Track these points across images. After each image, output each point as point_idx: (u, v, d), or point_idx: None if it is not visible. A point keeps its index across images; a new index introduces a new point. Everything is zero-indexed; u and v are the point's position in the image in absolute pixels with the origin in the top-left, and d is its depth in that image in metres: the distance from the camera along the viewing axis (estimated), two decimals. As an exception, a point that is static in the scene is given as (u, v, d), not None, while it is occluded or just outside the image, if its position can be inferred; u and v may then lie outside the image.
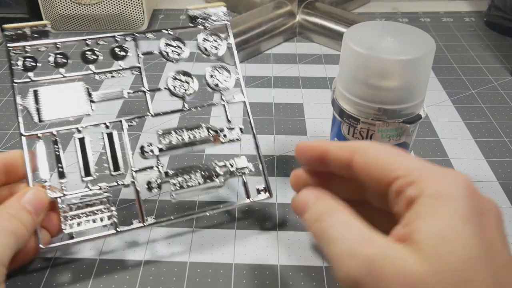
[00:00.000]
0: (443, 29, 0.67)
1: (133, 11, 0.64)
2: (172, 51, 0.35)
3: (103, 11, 0.63)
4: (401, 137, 0.32)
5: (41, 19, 0.64)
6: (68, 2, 0.62)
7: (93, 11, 0.63)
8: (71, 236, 0.31)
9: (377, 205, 0.28)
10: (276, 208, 0.36)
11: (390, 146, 0.27)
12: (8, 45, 0.31)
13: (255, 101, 0.50)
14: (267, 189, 0.34)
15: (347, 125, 0.32)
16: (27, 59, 0.32)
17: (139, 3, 0.63)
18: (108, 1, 0.63)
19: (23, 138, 0.31)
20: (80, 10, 0.63)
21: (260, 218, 0.36)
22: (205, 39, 0.35)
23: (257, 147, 0.35)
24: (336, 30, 0.60)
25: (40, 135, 0.31)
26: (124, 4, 0.63)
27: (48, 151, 0.31)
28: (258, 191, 0.34)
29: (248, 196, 0.34)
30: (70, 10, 0.63)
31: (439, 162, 0.41)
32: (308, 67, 0.57)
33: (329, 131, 0.37)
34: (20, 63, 0.32)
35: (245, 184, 0.34)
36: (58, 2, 0.62)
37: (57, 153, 0.31)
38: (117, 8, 0.63)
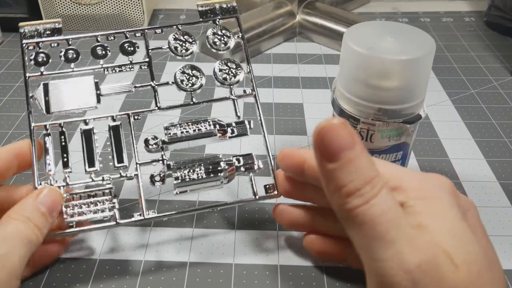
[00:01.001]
0: (443, 29, 0.67)
1: (133, 11, 0.64)
2: (181, 45, 0.35)
3: (103, 11, 0.63)
4: (401, 137, 0.32)
5: (41, 19, 0.64)
6: (68, 2, 0.62)
7: (93, 11, 0.63)
8: (70, 226, 0.30)
9: None
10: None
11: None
12: (24, 41, 0.33)
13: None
14: (275, 186, 0.32)
15: (347, 125, 0.32)
16: (39, 54, 0.33)
17: (139, 3, 0.63)
18: (108, 1, 0.63)
19: (32, 129, 0.32)
20: (80, 10, 0.63)
21: (260, 218, 0.36)
22: (214, 33, 0.35)
23: (266, 140, 0.34)
24: (336, 30, 0.60)
25: (48, 126, 0.32)
26: (124, 4, 0.63)
27: (54, 142, 0.32)
28: (266, 189, 0.32)
29: (254, 194, 0.32)
30: (70, 10, 0.63)
31: (439, 162, 0.41)
32: (308, 67, 0.57)
33: (329, 131, 0.37)
34: (32, 57, 0.33)
35: (252, 181, 0.33)
36: (58, 2, 0.62)
37: (63, 143, 0.31)
38: (117, 8, 0.63)
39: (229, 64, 0.35)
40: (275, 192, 0.32)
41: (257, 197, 0.32)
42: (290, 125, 0.46)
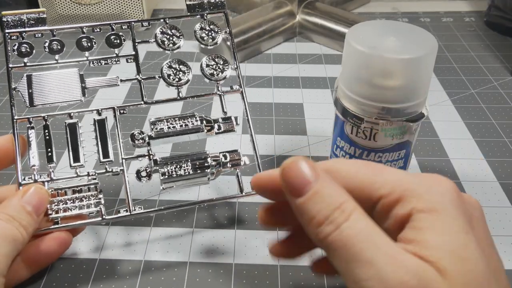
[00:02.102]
0: (443, 29, 0.67)
1: (133, 11, 0.64)
2: (168, 39, 0.34)
3: (103, 11, 0.63)
4: (404, 136, 0.32)
5: (41, 19, 0.64)
6: (68, 2, 0.62)
7: (93, 11, 0.63)
8: (56, 222, 0.30)
9: None
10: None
11: (359, 161, 0.24)
12: (6, 30, 0.32)
13: (255, 101, 0.50)
14: None
15: (350, 124, 0.32)
16: (23, 45, 0.32)
17: (139, 3, 0.63)
18: (108, 1, 0.63)
19: (15, 122, 0.31)
20: (80, 10, 0.63)
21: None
22: (202, 28, 0.35)
23: (253, 137, 0.33)
24: (336, 30, 0.60)
25: (31, 119, 0.31)
26: (124, 4, 0.63)
27: (37, 136, 0.32)
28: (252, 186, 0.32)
29: (241, 190, 0.33)
30: (70, 10, 0.63)
31: (439, 162, 0.41)
32: (308, 67, 0.57)
33: (329, 130, 0.37)
34: (15, 48, 0.32)
35: (238, 176, 0.33)
36: (58, 2, 0.62)
37: (47, 137, 0.31)
38: (117, 8, 0.63)
39: (216, 59, 0.35)
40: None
41: (243, 193, 0.32)
42: (290, 125, 0.46)
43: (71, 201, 0.31)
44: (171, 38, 0.34)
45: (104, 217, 0.31)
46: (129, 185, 0.31)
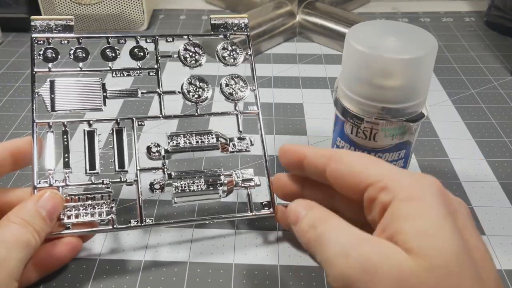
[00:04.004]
0: (443, 29, 0.67)
1: (133, 11, 0.64)
2: (191, 56, 0.35)
3: (103, 11, 0.63)
4: (404, 136, 0.32)
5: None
6: (68, 2, 0.62)
7: (93, 11, 0.63)
8: (67, 227, 0.30)
9: (348, 215, 0.28)
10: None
11: (363, 153, 0.28)
12: (33, 35, 0.32)
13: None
14: (271, 204, 0.33)
15: (350, 124, 0.32)
16: (48, 50, 0.33)
17: (139, 3, 0.63)
18: (108, 1, 0.63)
19: (34, 125, 0.31)
20: (80, 10, 0.63)
21: (260, 218, 0.36)
22: (224, 48, 0.35)
23: (266, 160, 0.34)
24: (336, 30, 0.60)
25: (51, 123, 0.32)
26: (124, 4, 0.63)
27: (56, 141, 0.32)
28: (262, 206, 0.33)
29: (251, 210, 0.33)
30: (70, 10, 0.63)
31: (439, 162, 0.41)
32: (308, 67, 0.57)
33: (329, 130, 0.37)
34: (41, 53, 0.32)
35: (249, 196, 0.34)
36: (58, 2, 0.62)
37: (65, 143, 0.31)
38: (117, 8, 0.63)
39: (235, 79, 0.35)
40: (271, 210, 0.33)
41: (253, 213, 0.33)
42: (290, 125, 0.46)
43: (84, 207, 0.31)
44: (193, 55, 0.35)
45: (115, 226, 0.31)
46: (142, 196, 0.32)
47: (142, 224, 0.31)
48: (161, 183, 0.32)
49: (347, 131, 0.33)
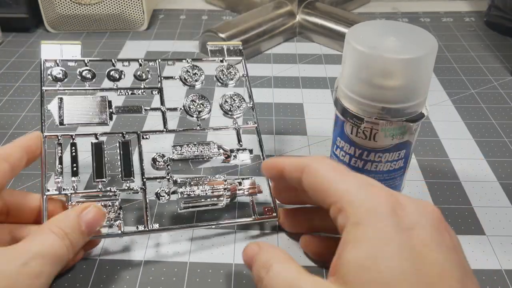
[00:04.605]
0: (443, 29, 0.67)
1: (133, 11, 0.64)
2: (191, 77, 0.38)
3: (103, 11, 0.63)
4: (404, 136, 0.32)
5: (41, 19, 0.64)
6: (68, 2, 0.62)
7: (93, 11, 0.63)
8: None
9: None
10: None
11: (334, 164, 0.27)
12: (42, 57, 0.35)
13: (255, 101, 0.50)
14: (274, 209, 0.35)
15: (350, 124, 0.32)
16: (57, 71, 0.35)
17: (139, 3, 0.63)
18: (108, 1, 0.63)
19: (44, 138, 0.33)
20: (80, 10, 0.63)
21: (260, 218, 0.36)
22: (221, 70, 0.38)
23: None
24: (336, 30, 0.60)
25: (60, 136, 0.33)
26: (124, 4, 0.63)
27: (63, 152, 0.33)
28: (266, 211, 0.35)
29: (254, 214, 0.34)
30: (70, 10, 0.63)
31: (439, 162, 0.41)
32: (308, 67, 0.57)
33: (329, 130, 0.37)
34: (50, 72, 0.35)
35: (252, 203, 0.35)
36: (58, 2, 0.62)
37: (73, 154, 0.33)
38: (117, 8, 0.63)
39: (234, 97, 0.38)
40: (274, 214, 0.34)
41: (257, 218, 0.34)
42: (290, 125, 0.46)
43: None
44: (193, 76, 0.38)
45: (123, 231, 0.32)
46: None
47: (149, 229, 0.32)
48: (166, 191, 0.33)
49: (347, 131, 0.33)
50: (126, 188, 0.33)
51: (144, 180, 0.33)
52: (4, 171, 0.29)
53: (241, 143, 0.37)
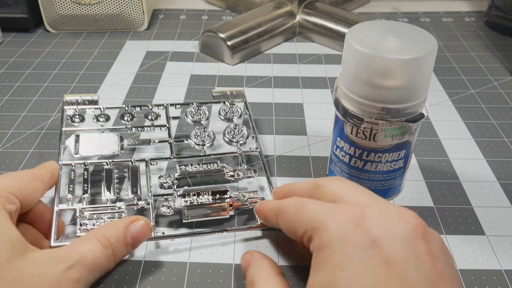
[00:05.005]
0: (443, 29, 0.67)
1: (133, 11, 0.64)
2: (198, 116, 0.42)
3: (103, 11, 0.63)
4: (404, 136, 0.32)
5: (41, 19, 0.64)
6: (68, 2, 0.62)
7: (93, 11, 0.63)
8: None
9: None
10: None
11: (303, 198, 0.28)
12: (65, 107, 0.41)
13: (255, 101, 0.50)
14: None
15: (350, 124, 0.32)
16: (76, 116, 0.40)
17: (139, 3, 0.63)
18: (108, 1, 0.63)
19: (60, 166, 0.36)
20: (80, 10, 0.63)
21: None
22: (224, 110, 0.43)
23: (271, 188, 0.37)
24: (336, 30, 0.60)
25: (73, 164, 0.37)
26: (124, 4, 0.63)
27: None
28: None
29: (258, 221, 0.35)
30: (70, 10, 0.63)
31: (439, 162, 0.41)
32: (308, 67, 0.57)
33: (329, 130, 0.37)
34: (70, 117, 0.40)
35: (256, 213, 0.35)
36: (58, 2, 0.62)
37: (85, 177, 0.36)
38: (117, 8, 0.63)
39: (236, 129, 0.41)
40: None
41: (260, 223, 0.34)
42: (290, 125, 0.46)
43: (99, 224, 0.32)
44: (200, 116, 0.42)
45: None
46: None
47: (155, 237, 0.33)
48: (173, 206, 0.34)
49: (347, 131, 0.33)
50: (134, 203, 0.34)
51: (150, 194, 0.35)
52: (39, 189, 0.31)
53: (244, 165, 0.38)
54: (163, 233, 0.33)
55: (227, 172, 0.37)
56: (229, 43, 0.56)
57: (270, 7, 0.63)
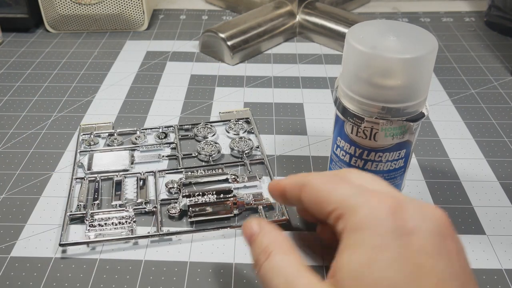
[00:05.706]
0: (443, 29, 0.67)
1: (133, 11, 0.64)
2: (203, 133, 0.44)
3: (103, 11, 0.63)
4: (404, 135, 0.32)
5: (41, 19, 0.64)
6: (68, 2, 0.62)
7: (93, 11, 0.63)
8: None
9: None
10: (276, 208, 0.36)
11: (332, 175, 0.27)
12: (81, 133, 0.44)
13: (255, 101, 0.50)
14: (282, 213, 0.36)
15: (350, 124, 0.32)
16: (91, 142, 0.43)
17: (139, 3, 0.63)
18: (108, 1, 0.63)
19: (74, 179, 0.39)
20: (80, 10, 0.63)
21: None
22: (231, 127, 0.45)
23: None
24: (336, 30, 0.60)
25: (85, 177, 0.39)
26: (124, 4, 0.63)
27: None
28: (275, 221, 0.35)
29: (265, 218, 0.35)
30: (70, 10, 0.63)
31: (439, 162, 0.41)
32: (308, 67, 0.57)
33: (329, 130, 0.37)
34: (85, 141, 0.43)
35: (261, 211, 0.36)
36: (58, 2, 0.62)
37: (96, 187, 0.38)
38: (117, 8, 0.63)
39: (241, 142, 0.43)
40: (283, 217, 0.35)
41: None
42: (290, 125, 0.46)
43: (108, 226, 0.34)
44: (206, 134, 0.44)
45: (135, 235, 0.34)
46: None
47: (160, 233, 0.34)
48: (179, 210, 0.35)
49: (347, 131, 0.33)
50: (141, 206, 0.36)
51: (159, 203, 0.36)
52: None
53: (250, 172, 0.39)
54: (168, 230, 0.34)
55: (232, 178, 0.38)
56: (229, 43, 0.56)
57: (270, 7, 0.63)
